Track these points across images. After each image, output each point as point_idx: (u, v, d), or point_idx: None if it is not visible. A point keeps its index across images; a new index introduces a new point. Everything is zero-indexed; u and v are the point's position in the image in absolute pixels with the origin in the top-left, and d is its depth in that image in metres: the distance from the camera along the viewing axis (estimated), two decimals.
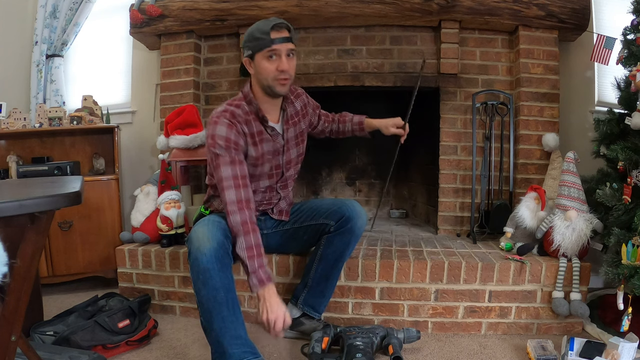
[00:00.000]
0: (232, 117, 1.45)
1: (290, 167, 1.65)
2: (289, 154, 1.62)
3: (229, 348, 1.26)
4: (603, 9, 2.37)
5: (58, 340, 1.49)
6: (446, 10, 2.10)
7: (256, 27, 1.43)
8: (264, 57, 1.42)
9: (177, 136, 2.18)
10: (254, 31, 1.42)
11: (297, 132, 1.64)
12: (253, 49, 1.43)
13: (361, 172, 2.98)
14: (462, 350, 1.62)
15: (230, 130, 1.42)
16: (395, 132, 1.80)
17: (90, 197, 2.22)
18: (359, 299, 1.81)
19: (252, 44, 1.43)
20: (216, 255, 1.29)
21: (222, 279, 1.29)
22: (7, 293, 0.90)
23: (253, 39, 1.42)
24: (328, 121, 1.86)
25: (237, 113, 1.47)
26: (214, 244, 1.29)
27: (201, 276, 1.28)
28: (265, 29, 1.39)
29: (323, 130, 1.86)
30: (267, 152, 1.54)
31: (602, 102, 2.35)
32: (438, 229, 2.31)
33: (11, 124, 2.38)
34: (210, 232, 1.32)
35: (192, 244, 1.32)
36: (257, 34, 1.41)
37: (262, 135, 1.52)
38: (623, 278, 1.55)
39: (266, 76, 1.44)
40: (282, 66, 1.41)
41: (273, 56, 1.41)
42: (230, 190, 1.38)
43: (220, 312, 1.28)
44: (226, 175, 1.40)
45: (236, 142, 1.43)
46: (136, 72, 2.72)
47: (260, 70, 1.44)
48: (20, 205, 0.81)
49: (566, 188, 1.82)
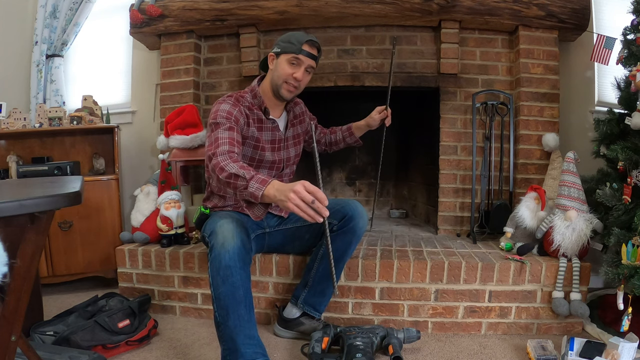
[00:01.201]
0: (236, 100, 1.58)
1: (289, 165, 1.75)
2: (288, 151, 1.73)
3: (242, 347, 1.27)
4: (603, 9, 2.37)
5: (58, 340, 1.49)
6: (446, 10, 2.09)
7: (295, 34, 1.58)
8: (287, 60, 1.56)
9: (177, 136, 2.18)
10: (291, 36, 1.57)
11: (295, 134, 1.76)
12: (283, 49, 1.57)
13: (361, 172, 2.98)
14: (462, 350, 1.62)
15: (234, 108, 1.53)
16: (381, 117, 1.87)
17: (90, 197, 2.22)
18: (359, 299, 1.81)
19: (284, 45, 1.56)
20: (239, 254, 1.31)
21: (243, 277, 1.31)
22: (7, 293, 0.90)
23: (287, 42, 1.56)
24: (324, 132, 1.98)
25: (241, 99, 1.60)
26: (238, 242, 1.32)
27: (222, 272, 1.29)
28: (301, 39, 1.55)
29: (319, 141, 1.98)
30: (267, 141, 1.64)
31: (602, 102, 2.35)
32: (438, 229, 2.31)
33: (11, 124, 2.38)
34: (235, 230, 1.35)
35: (217, 239, 1.33)
36: (292, 40, 1.55)
37: (262, 123, 1.62)
38: (623, 278, 1.55)
39: (280, 75, 1.57)
40: (297, 74, 1.56)
41: (295, 63, 1.56)
42: (225, 146, 1.40)
43: (238, 310, 1.29)
44: (223, 135, 1.44)
45: (237, 117, 1.52)
46: (136, 72, 2.72)
47: (279, 69, 1.57)
48: (20, 205, 0.81)
49: (566, 188, 1.82)
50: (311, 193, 1.15)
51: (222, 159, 1.35)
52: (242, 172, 1.28)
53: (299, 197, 1.14)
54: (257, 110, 1.61)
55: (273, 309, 1.85)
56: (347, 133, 1.94)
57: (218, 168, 1.33)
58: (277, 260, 1.84)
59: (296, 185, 1.15)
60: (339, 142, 1.96)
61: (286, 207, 1.17)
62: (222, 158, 1.35)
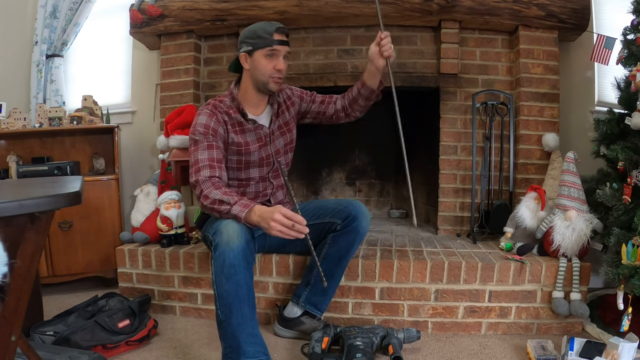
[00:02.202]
0: (214, 107, 1.57)
1: (280, 156, 1.71)
2: (275, 144, 1.68)
3: (244, 345, 1.28)
4: (603, 9, 2.37)
5: (58, 340, 1.49)
6: (446, 10, 2.09)
7: (259, 26, 1.53)
8: (264, 55, 1.52)
9: (177, 136, 2.18)
10: (257, 30, 1.52)
11: (282, 122, 1.71)
12: (254, 46, 1.52)
13: (361, 172, 2.98)
14: (462, 350, 1.62)
15: (210, 119, 1.53)
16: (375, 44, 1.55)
17: (90, 197, 2.22)
18: (359, 299, 1.81)
19: (254, 41, 1.52)
20: (243, 253, 1.32)
21: (246, 276, 1.32)
22: (7, 293, 0.90)
23: (255, 37, 1.52)
24: (330, 101, 1.77)
25: (219, 105, 1.59)
26: (242, 242, 1.33)
27: (226, 270, 1.30)
28: (269, 29, 1.50)
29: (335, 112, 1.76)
30: (252, 142, 1.62)
31: (602, 102, 2.35)
32: (438, 229, 2.31)
33: (11, 124, 2.38)
34: (240, 229, 1.36)
35: (221, 237, 1.34)
36: (260, 33, 1.51)
37: (243, 126, 1.61)
38: (623, 278, 1.55)
39: (263, 72, 1.54)
40: (279, 66, 1.53)
41: (272, 55, 1.52)
42: (206, 170, 1.47)
43: (241, 308, 1.30)
44: (202, 157, 1.49)
45: (215, 129, 1.53)
46: (136, 72, 2.72)
47: (258, 66, 1.53)
48: (20, 205, 0.81)
49: (566, 188, 1.82)
50: (289, 218, 1.31)
51: (205, 186, 1.44)
52: (227, 198, 1.39)
53: (279, 224, 1.31)
54: (236, 112, 1.60)
55: (273, 309, 1.85)
56: (359, 85, 1.68)
57: (202, 196, 1.44)
58: (277, 260, 1.84)
59: (275, 214, 1.31)
60: (357, 98, 1.69)
61: (270, 233, 1.33)
62: (205, 186, 1.44)
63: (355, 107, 1.73)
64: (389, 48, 1.52)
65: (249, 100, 1.62)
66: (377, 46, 1.53)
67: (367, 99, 1.69)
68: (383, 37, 1.52)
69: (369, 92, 1.66)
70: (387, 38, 1.52)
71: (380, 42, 1.52)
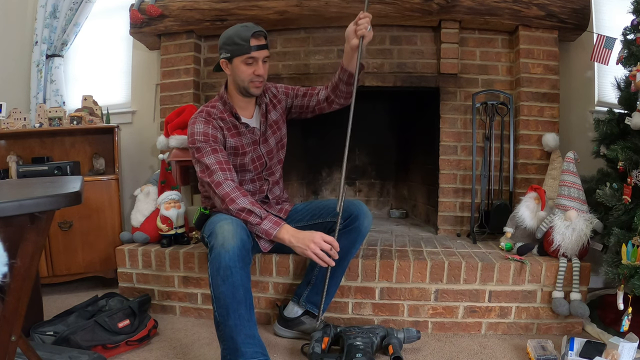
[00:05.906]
0: (208, 115, 1.58)
1: (273, 155, 1.73)
2: (267, 144, 1.71)
3: (242, 346, 1.28)
4: (603, 9, 2.37)
5: (58, 340, 1.49)
6: (446, 10, 2.09)
7: (235, 32, 1.53)
8: (242, 62, 1.54)
9: (177, 136, 2.18)
10: (233, 36, 1.52)
11: (271, 122, 1.73)
12: (232, 53, 1.54)
13: (361, 172, 2.98)
14: (462, 350, 1.62)
15: (207, 126, 1.55)
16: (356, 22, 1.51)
17: (90, 197, 2.22)
18: (359, 299, 1.81)
19: (231, 47, 1.53)
20: (239, 254, 1.32)
21: (243, 277, 1.32)
22: (7, 293, 0.90)
23: (232, 44, 1.53)
24: (313, 94, 1.75)
25: (212, 112, 1.60)
26: (238, 242, 1.33)
27: (222, 272, 1.30)
28: (245, 35, 1.50)
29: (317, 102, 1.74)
30: (246, 144, 1.65)
31: (602, 102, 2.35)
32: (438, 229, 2.31)
33: (11, 124, 2.38)
34: (235, 230, 1.36)
35: (217, 239, 1.34)
36: (236, 40, 1.51)
37: (238, 129, 1.63)
38: (623, 278, 1.55)
39: (243, 79, 1.56)
40: (258, 71, 1.55)
41: (250, 62, 1.53)
42: (218, 173, 1.49)
43: (238, 309, 1.30)
44: (210, 162, 1.51)
45: (214, 135, 1.55)
46: (136, 72, 2.72)
47: (238, 72, 1.56)
48: (20, 205, 0.81)
49: (566, 188, 1.82)
50: (328, 243, 1.39)
51: (229, 188, 1.48)
52: (258, 211, 1.45)
53: (318, 247, 1.38)
54: (229, 116, 1.62)
55: (273, 309, 1.85)
56: (339, 70, 1.63)
57: (228, 199, 1.46)
58: (277, 260, 1.84)
59: (315, 237, 1.39)
60: (338, 84, 1.65)
61: (304, 254, 1.40)
62: (229, 188, 1.48)
63: (338, 93, 1.68)
64: (364, 27, 1.48)
65: (237, 104, 1.65)
66: (355, 25, 1.51)
67: (347, 84, 1.63)
68: (362, 17, 1.49)
69: (348, 76, 1.61)
70: (366, 18, 1.49)
71: (358, 21, 1.49)
